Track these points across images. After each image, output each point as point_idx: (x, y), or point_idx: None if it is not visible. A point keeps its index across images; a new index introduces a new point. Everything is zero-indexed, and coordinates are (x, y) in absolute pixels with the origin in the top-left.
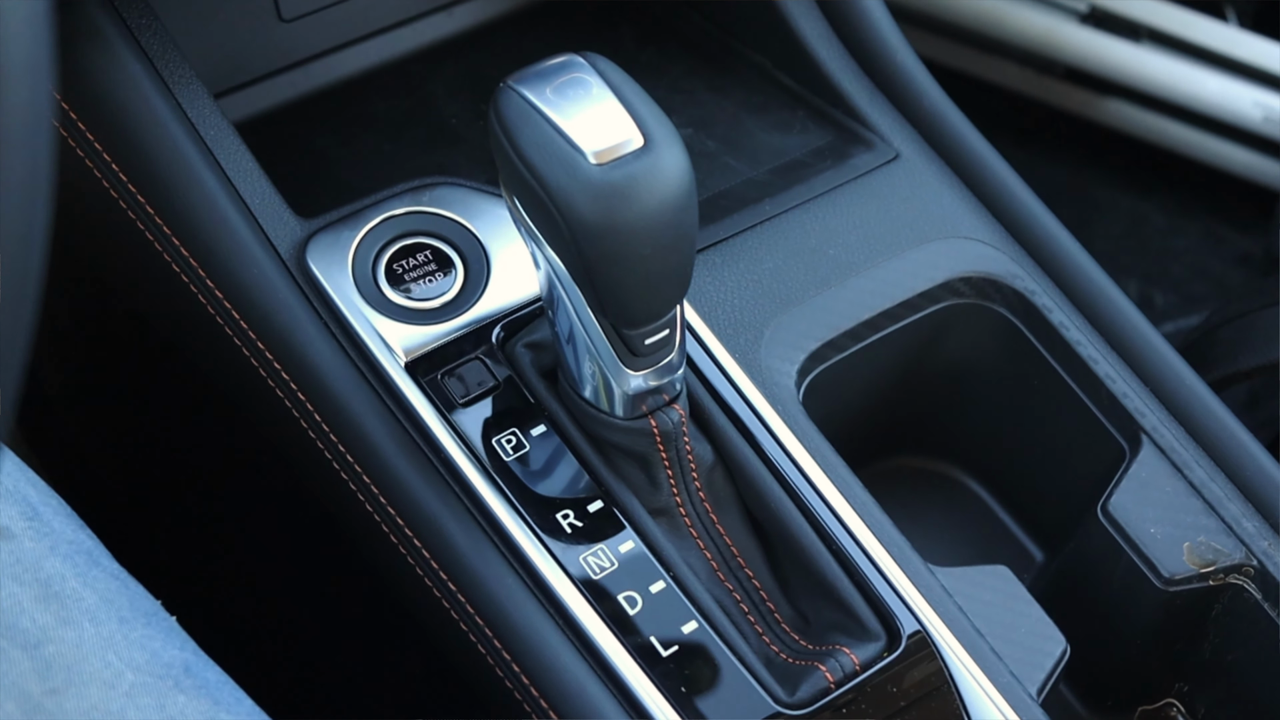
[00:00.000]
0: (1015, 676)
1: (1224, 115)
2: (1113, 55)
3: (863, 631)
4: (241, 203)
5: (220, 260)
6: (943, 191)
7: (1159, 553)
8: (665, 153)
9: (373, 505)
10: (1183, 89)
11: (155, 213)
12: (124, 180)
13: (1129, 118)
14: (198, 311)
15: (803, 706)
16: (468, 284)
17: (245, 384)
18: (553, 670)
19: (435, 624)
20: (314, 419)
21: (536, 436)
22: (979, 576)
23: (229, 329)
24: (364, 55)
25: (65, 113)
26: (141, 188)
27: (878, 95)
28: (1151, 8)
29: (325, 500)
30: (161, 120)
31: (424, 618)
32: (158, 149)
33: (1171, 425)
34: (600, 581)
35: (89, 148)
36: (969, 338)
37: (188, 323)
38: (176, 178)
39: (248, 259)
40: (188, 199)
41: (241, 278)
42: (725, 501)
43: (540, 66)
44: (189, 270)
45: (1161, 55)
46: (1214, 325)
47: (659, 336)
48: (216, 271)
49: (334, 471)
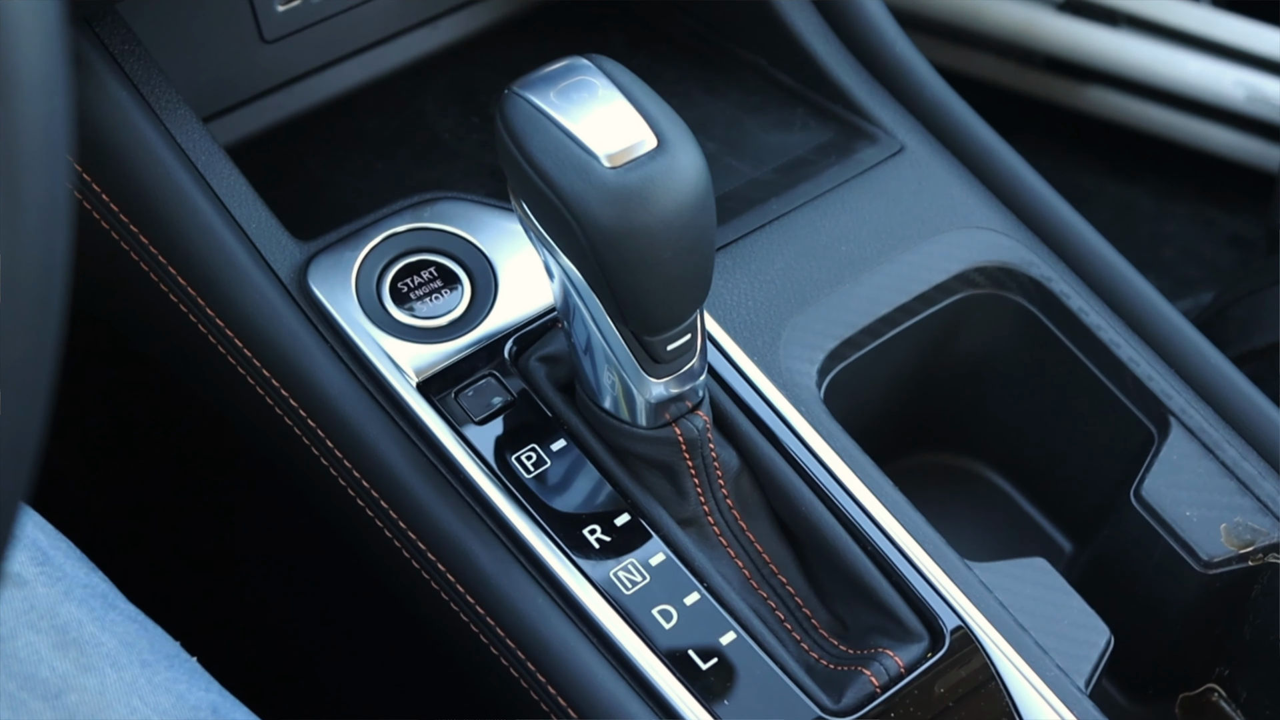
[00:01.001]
0: (1062, 670)
1: (1207, 96)
2: (1092, 42)
3: (904, 633)
4: (238, 227)
5: (220, 288)
6: (951, 182)
7: (1196, 536)
8: (680, 152)
9: (392, 531)
10: (1164, 72)
11: (149, 242)
12: (115, 210)
13: (1111, 104)
14: (199, 342)
15: (849, 713)
16: (475, 299)
17: (253, 414)
18: (590, 691)
19: (463, 651)
20: (326, 446)
21: (556, 451)
22: (1016, 570)
23: (232, 358)
24: (349, 74)
25: None
26: (134, 217)
27: (878, 88)
28: None
29: (342, 528)
30: (151, 147)
31: (451, 645)
32: (148, 176)
33: (1200, 406)
34: (633, 596)
35: (76, 178)
36: (987, 329)
37: (189, 354)
38: (169, 205)
39: (248, 285)
40: (182, 226)
41: (243, 304)
42: (754, 508)
43: (544, 71)
44: (187, 300)
45: (1140, 40)
46: (1224, 305)
47: (681, 342)
48: (216, 299)
49: (350, 499)
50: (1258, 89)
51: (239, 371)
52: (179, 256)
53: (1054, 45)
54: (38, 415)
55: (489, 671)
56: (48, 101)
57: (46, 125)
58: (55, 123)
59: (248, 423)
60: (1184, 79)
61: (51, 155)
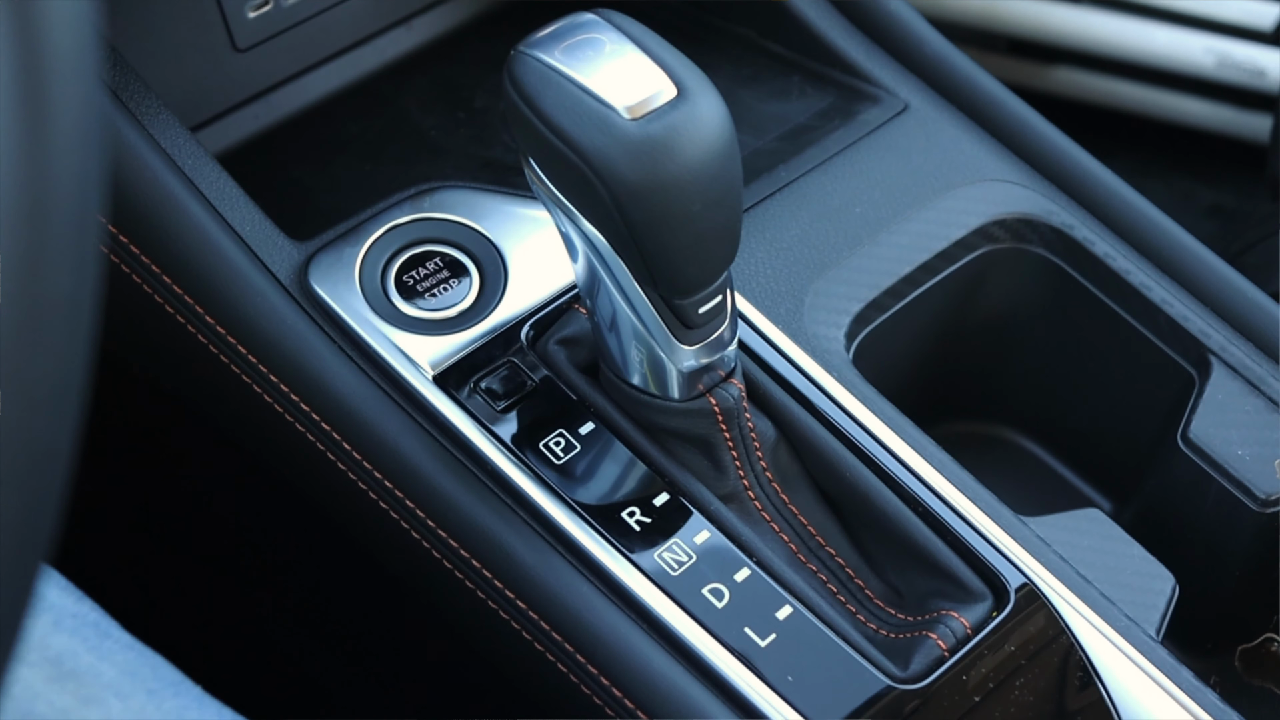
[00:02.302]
0: (1131, 619)
1: (1177, 66)
2: (1055, 21)
3: (965, 594)
4: (231, 231)
5: (218, 293)
6: (960, 137)
7: (1251, 474)
8: (702, 100)
9: (420, 531)
10: (1132, 45)
11: (141, 251)
12: (101, 220)
13: (1079, 83)
14: (199, 353)
15: (920, 679)
16: (485, 288)
17: (262, 425)
18: (646, 678)
19: (505, 653)
20: (342, 449)
21: (585, 435)
22: (1072, 522)
23: (236, 366)
24: (328, 78)
25: None
26: (122, 226)
27: (875, 48)
28: None
29: (365, 536)
30: (137, 153)
31: (491, 648)
32: (135, 183)
33: (1240, 342)
34: (680, 578)
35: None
36: (1011, 285)
37: (189, 368)
38: (159, 211)
39: (247, 288)
40: (174, 232)
41: (243, 308)
42: (794, 479)
43: (551, 28)
44: (184, 309)
45: (1105, 14)
46: (1236, 253)
47: (712, 304)
48: (215, 305)
49: (371, 503)
50: (1227, 54)
51: (244, 380)
52: (173, 264)
53: (1017, 27)
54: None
55: (535, 672)
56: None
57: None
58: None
59: (256, 435)
60: (1152, 50)
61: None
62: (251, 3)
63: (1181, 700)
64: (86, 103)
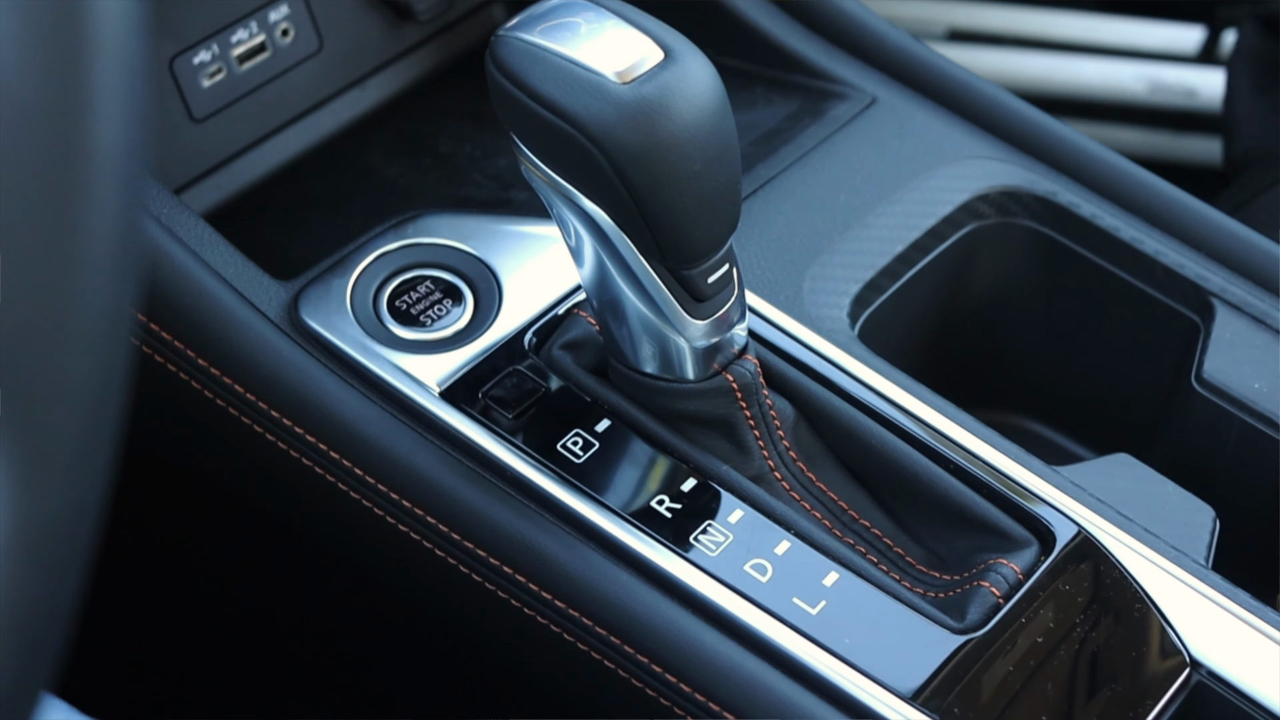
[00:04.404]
0: (1180, 550)
1: (1110, 96)
2: (984, 64)
3: (1010, 543)
4: (215, 273)
5: (209, 334)
6: (931, 122)
7: (1272, 405)
8: (690, 60)
9: (445, 547)
10: (1063, 80)
11: None
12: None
13: None
14: (195, 401)
15: (978, 628)
16: (480, 305)
17: (267, 467)
18: (700, 660)
19: (548, 665)
20: (354, 475)
21: (603, 432)
22: (1103, 467)
23: (234, 409)
24: (288, 143)
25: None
26: None
27: (835, 49)
28: (1007, 16)
29: (387, 571)
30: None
31: (532, 664)
32: None
33: (1238, 281)
34: (720, 557)
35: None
36: (1004, 262)
37: (186, 422)
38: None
39: (239, 326)
40: (159, 278)
41: (235, 347)
42: (818, 457)
43: (531, 11)
44: (174, 354)
45: (1034, 55)
46: (1259, 191)
47: (720, 273)
48: (208, 348)
49: (389, 527)
50: (1158, 79)
51: (244, 422)
52: (160, 311)
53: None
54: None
55: (584, 676)
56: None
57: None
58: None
59: (262, 481)
60: (1085, 83)
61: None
62: (205, 71)
63: (1245, 618)
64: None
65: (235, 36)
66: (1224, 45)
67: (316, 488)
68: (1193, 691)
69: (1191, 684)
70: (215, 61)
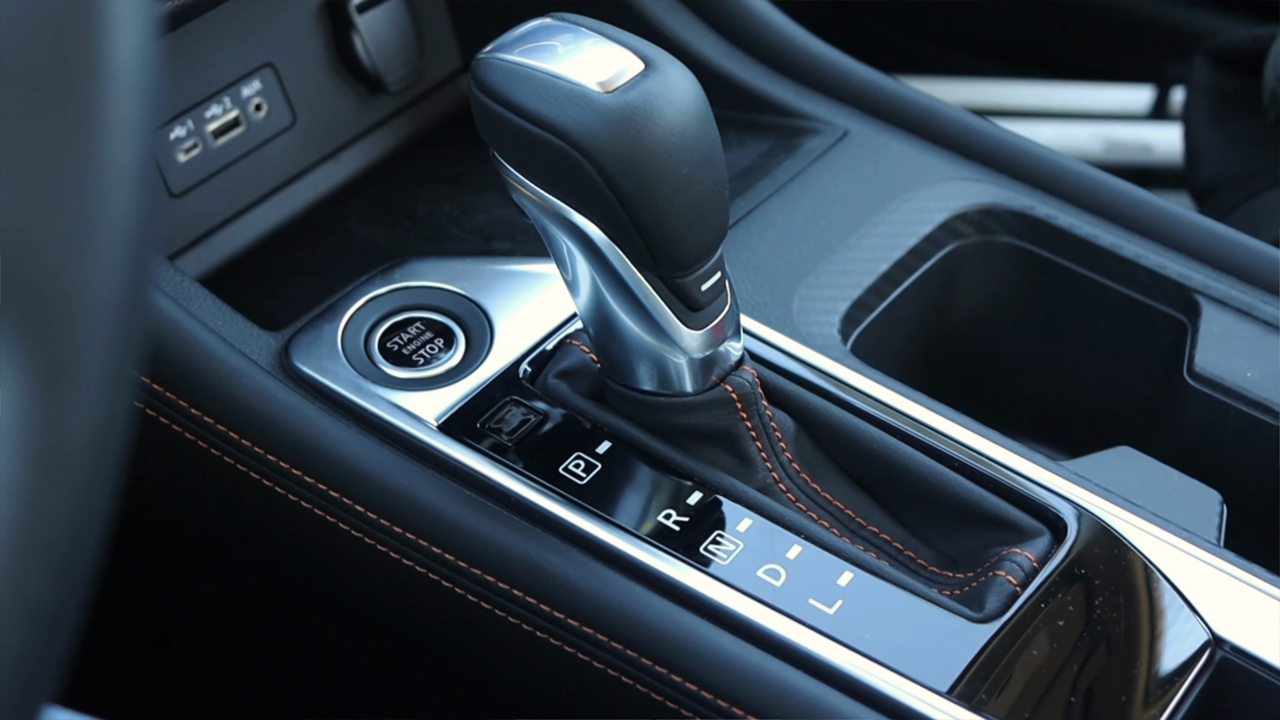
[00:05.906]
0: (1191, 531)
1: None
2: None
3: (1021, 535)
4: (204, 325)
5: (202, 384)
6: (904, 149)
7: (1267, 392)
8: (670, 68)
9: (452, 577)
10: None
11: None
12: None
13: None
14: (193, 454)
15: (998, 616)
16: (472, 343)
17: (266, 515)
18: (720, 666)
19: (568, 690)
20: (355, 512)
21: (604, 453)
22: (1107, 459)
23: (229, 458)
24: (265, 216)
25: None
26: None
27: (802, 88)
28: (960, 89)
29: (392, 609)
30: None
31: (543, 682)
32: None
33: (1220, 276)
34: (733, 565)
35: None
36: (986, 279)
37: (184, 476)
38: None
39: (232, 374)
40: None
41: (228, 394)
42: (820, 467)
43: (511, 34)
44: (170, 409)
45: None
46: (1228, 210)
47: (713, 281)
48: (202, 398)
49: (393, 562)
50: (1114, 138)
51: (239, 470)
52: (152, 364)
53: None
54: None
55: (603, 694)
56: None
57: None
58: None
59: (257, 527)
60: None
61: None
62: (181, 146)
63: (1267, 591)
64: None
65: (209, 112)
66: (1174, 102)
67: (314, 529)
68: (1218, 668)
69: (1216, 660)
70: (190, 137)
